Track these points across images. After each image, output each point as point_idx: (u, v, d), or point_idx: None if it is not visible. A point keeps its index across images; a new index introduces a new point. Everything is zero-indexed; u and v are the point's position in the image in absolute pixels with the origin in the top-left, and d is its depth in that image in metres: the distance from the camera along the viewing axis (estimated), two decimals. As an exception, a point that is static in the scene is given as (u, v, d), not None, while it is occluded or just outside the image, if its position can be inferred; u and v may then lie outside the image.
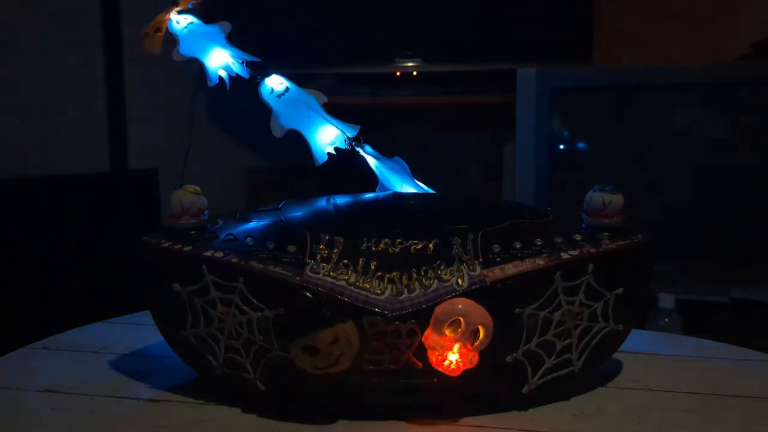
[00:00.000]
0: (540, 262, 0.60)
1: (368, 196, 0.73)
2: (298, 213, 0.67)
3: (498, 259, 0.60)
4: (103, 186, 1.79)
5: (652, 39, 1.87)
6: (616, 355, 0.68)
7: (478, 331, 0.56)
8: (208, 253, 0.60)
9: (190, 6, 0.79)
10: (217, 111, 2.11)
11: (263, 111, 0.75)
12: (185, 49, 0.78)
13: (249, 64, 0.77)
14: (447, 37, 1.87)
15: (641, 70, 1.65)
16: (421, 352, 0.57)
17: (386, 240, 0.61)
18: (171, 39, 0.78)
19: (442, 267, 0.59)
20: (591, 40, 1.90)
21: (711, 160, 1.56)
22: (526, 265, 0.59)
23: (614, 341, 0.64)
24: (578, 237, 0.62)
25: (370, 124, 0.79)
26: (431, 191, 0.77)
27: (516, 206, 0.73)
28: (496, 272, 0.59)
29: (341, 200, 0.69)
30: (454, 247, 0.60)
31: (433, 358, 0.57)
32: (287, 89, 0.76)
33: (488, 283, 0.58)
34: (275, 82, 0.76)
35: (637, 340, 0.75)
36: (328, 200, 0.69)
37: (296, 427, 0.59)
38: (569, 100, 1.60)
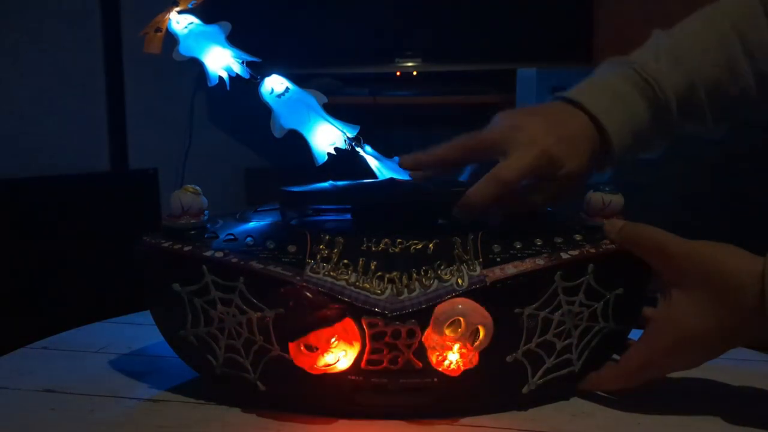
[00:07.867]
0: (540, 262, 0.60)
1: None
2: (298, 213, 0.67)
3: (498, 259, 0.60)
4: (103, 186, 1.79)
5: (652, 39, 1.87)
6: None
7: (478, 331, 0.56)
8: (208, 253, 0.60)
9: (190, 6, 0.79)
10: (217, 111, 2.11)
11: (263, 111, 0.75)
12: (185, 49, 0.77)
13: (249, 64, 0.77)
14: (447, 37, 1.88)
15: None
16: (421, 352, 0.57)
17: (386, 240, 0.61)
18: (171, 39, 0.78)
19: (442, 267, 0.59)
20: (591, 40, 1.90)
21: (711, 160, 1.56)
22: (526, 265, 0.59)
23: (614, 341, 0.64)
24: (578, 237, 0.62)
25: (370, 124, 0.79)
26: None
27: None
28: (496, 272, 0.59)
29: None
30: (454, 247, 0.60)
31: (433, 358, 0.57)
32: (287, 89, 0.75)
33: (488, 283, 0.58)
34: (275, 82, 0.76)
35: (637, 340, 0.75)
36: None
37: (296, 427, 0.59)
38: (569, 100, 1.59)
